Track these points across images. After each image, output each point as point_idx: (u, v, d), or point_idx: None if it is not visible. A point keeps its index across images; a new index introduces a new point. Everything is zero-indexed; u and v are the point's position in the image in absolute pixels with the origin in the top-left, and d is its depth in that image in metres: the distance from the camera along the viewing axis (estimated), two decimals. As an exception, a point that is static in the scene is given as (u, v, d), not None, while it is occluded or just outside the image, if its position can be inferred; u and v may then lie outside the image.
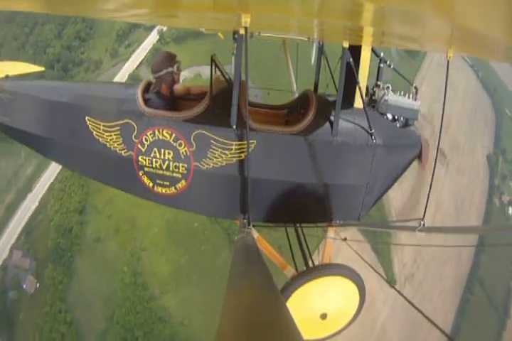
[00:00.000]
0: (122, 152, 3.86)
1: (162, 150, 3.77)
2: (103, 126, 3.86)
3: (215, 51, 4.21)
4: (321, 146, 3.82)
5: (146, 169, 3.88)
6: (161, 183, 3.92)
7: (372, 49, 3.97)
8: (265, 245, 4.20)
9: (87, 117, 3.90)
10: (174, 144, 3.73)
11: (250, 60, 3.07)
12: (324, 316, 4.02)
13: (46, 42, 74.50)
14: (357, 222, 4.40)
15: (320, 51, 4.94)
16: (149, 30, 72.11)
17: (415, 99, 4.25)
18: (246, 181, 3.50)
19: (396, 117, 4.35)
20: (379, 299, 50.82)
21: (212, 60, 3.92)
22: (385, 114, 4.28)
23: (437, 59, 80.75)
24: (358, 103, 3.93)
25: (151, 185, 3.96)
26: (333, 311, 4.07)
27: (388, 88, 4.21)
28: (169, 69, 4.02)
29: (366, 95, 4.26)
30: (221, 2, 2.48)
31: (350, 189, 4.10)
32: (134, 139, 3.80)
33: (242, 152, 3.66)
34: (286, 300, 3.92)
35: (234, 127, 3.62)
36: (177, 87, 4.16)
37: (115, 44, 72.36)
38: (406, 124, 4.36)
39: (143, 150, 3.80)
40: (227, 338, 1.69)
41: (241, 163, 3.69)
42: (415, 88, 4.41)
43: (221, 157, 3.70)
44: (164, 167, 3.81)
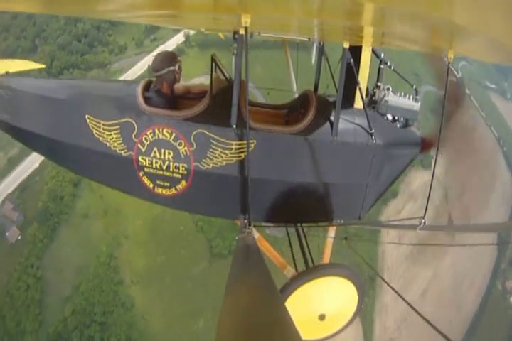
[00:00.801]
0: (122, 152, 3.86)
1: (162, 150, 3.76)
2: (103, 125, 3.86)
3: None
4: (321, 146, 3.82)
5: (147, 170, 3.88)
6: (162, 184, 3.91)
7: (372, 50, 3.98)
8: (265, 245, 4.20)
9: (87, 115, 3.89)
10: (174, 144, 3.73)
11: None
12: (323, 317, 4.02)
13: (77, 18, 75.32)
14: (357, 222, 4.41)
15: (320, 51, 4.95)
16: (177, 31, 72.69)
17: (415, 100, 4.26)
18: (246, 181, 3.49)
19: (396, 118, 4.35)
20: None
21: (212, 60, 3.93)
22: (385, 115, 4.28)
23: (463, 124, 79.72)
24: (358, 103, 3.94)
25: (152, 186, 3.95)
26: (331, 312, 4.06)
27: (388, 89, 4.22)
28: (170, 68, 4.01)
29: (366, 96, 4.26)
30: (221, 2, 2.48)
31: (350, 189, 4.10)
32: (134, 139, 3.79)
33: (242, 152, 3.66)
34: (285, 300, 3.92)
35: (234, 127, 3.62)
36: (177, 86, 4.16)
37: (142, 35, 73.24)
38: (406, 125, 4.36)
39: (143, 150, 3.80)
40: (226, 337, 1.69)
41: (241, 163, 3.69)
42: (415, 89, 4.42)
43: (221, 157, 3.70)
44: (164, 167, 3.81)
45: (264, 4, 2.40)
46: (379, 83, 4.37)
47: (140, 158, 3.83)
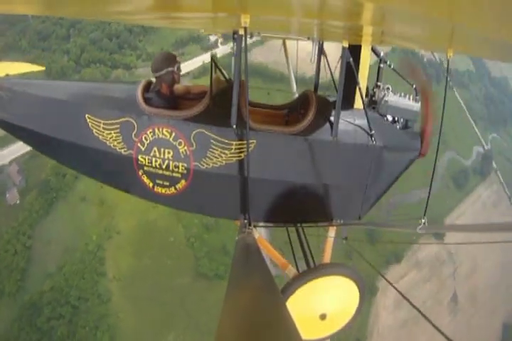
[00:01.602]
0: (122, 151, 3.86)
1: (162, 149, 3.76)
2: (103, 124, 3.86)
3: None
4: (321, 146, 3.82)
5: (146, 168, 3.88)
6: (161, 183, 3.92)
7: (372, 49, 3.97)
8: (266, 245, 4.20)
9: (87, 115, 3.90)
10: (174, 143, 3.73)
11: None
12: (324, 316, 4.01)
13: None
14: (357, 222, 4.41)
15: (320, 51, 4.95)
16: (205, 50, 73.98)
17: (415, 101, 4.25)
18: (246, 181, 3.49)
19: (396, 118, 4.35)
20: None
21: (212, 60, 3.93)
22: (385, 115, 4.28)
23: (484, 199, 74.76)
24: (358, 103, 3.93)
25: (151, 185, 3.96)
26: (333, 311, 4.06)
27: (388, 89, 4.22)
28: (169, 68, 4.01)
29: (366, 96, 4.26)
30: (221, 2, 2.48)
31: (350, 189, 4.10)
32: (134, 138, 3.80)
33: (242, 152, 3.66)
34: (286, 300, 3.92)
35: (234, 127, 3.62)
36: (177, 87, 4.16)
37: (171, 48, 73.55)
38: (406, 126, 4.36)
39: (143, 149, 3.80)
40: (226, 337, 1.69)
41: (241, 163, 3.69)
42: (415, 89, 4.41)
43: (221, 157, 3.70)
44: (164, 166, 3.81)
45: (263, 4, 2.40)
46: (379, 83, 4.37)
47: (140, 157, 3.83)
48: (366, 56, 3.86)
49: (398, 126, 4.32)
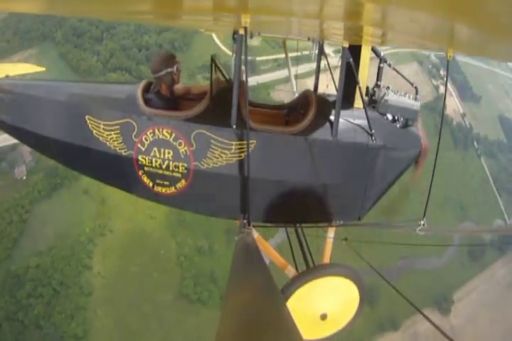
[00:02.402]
0: (122, 151, 3.86)
1: (162, 149, 3.77)
2: (103, 125, 3.86)
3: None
4: (321, 146, 3.82)
5: (146, 168, 3.88)
6: (161, 183, 3.92)
7: (372, 49, 3.97)
8: (265, 245, 4.20)
9: (87, 116, 3.90)
10: (174, 143, 3.73)
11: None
12: (324, 316, 4.02)
13: (146, 30, 78.05)
14: (357, 222, 4.41)
15: (320, 51, 4.94)
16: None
17: (415, 100, 4.25)
18: (246, 181, 3.49)
19: (396, 117, 4.35)
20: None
21: (212, 60, 3.93)
22: (385, 115, 4.28)
23: (499, 278, 69.12)
24: (358, 103, 3.93)
25: (151, 185, 3.96)
26: (333, 311, 4.06)
27: (388, 88, 4.21)
28: (169, 69, 4.01)
29: (366, 95, 4.26)
30: (221, 2, 2.48)
31: (349, 189, 4.10)
32: (134, 138, 3.80)
33: (242, 152, 3.66)
34: (286, 300, 3.92)
35: (234, 127, 3.62)
36: (177, 87, 4.16)
37: (196, 70, 73.99)
38: (406, 125, 4.36)
39: (143, 149, 3.80)
40: (227, 337, 1.69)
41: (241, 163, 3.69)
42: (415, 88, 4.41)
43: (221, 157, 3.70)
44: (164, 166, 3.81)
45: (264, 4, 2.40)
46: (379, 82, 4.37)
47: (140, 157, 3.84)
48: (366, 56, 3.86)
49: (398, 125, 4.32)
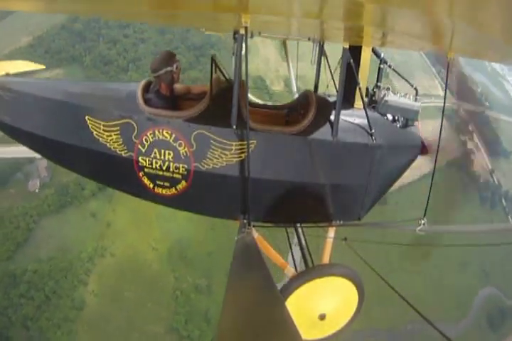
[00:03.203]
0: (122, 152, 3.85)
1: (162, 150, 3.76)
2: (103, 126, 3.85)
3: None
4: (321, 146, 3.82)
5: (147, 170, 3.87)
6: (162, 184, 3.91)
7: (372, 50, 3.98)
8: (265, 245, 4.20)
9: (87, 116, 3.89)
10: (174, 144, 3.72)
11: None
12: (323, 317, 4.02)
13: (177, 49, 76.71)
14: (357, 222, 4.41)
15: (320, 51, 4.95)
16: None
17: (415, 100, 4.26)
18: (246, 181, 3.49)
19: (396, 118, 4.35)
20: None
21: (212, 60, 3.92)
22: (385, 115, 4.28)
23: None
24: (358, 103, 3.94)
25: (152, 186, 3.95)
26: (332, 312, 4.06)
27: (388, 89, 4.22)
28: (168, 68, 4.00)
29: (366, 96, 4.26)
30: (221, 2, 2.49)
31: (349, 189, 4.10)
32: (134, 139, 3.79)
33: (242, 152, 3.66)
34: (285, 299, 3.92)
35: (234, 127, 3.62)
36: (177, 87, 4.15)
37: None
38: (406, 125, 4.36)
39: (143, 150, 3.80)
40: (227, 337, 1.69)
41: (241, 163, 3.69)
42: (415, 89, 4.42)
43: (221, 157, 3.70)
44: (164, 168, 3.80)
45: (264, 4, 2.40)
46: (379, 83, 4.37)
47: (140, 159, 3.83)
48: (367, 57, 3.86)
49: (398, 125, 4.32)
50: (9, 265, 53.60)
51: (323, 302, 4.07)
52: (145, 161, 3.82)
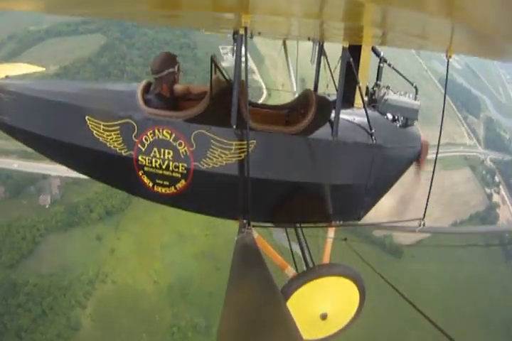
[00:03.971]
0: (122, 151, 3.86)
1: (162, 149, 3.76)
2: (103, 126, 3.85)
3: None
4: (321, 146, 3.82)
5: (146, 169, 3.88)
6: (161, 183, 3.92)
7: (372, 49, 3.98)
8: (265, 245, 4.20)
9: (87, 117, 3.90)
10: (174, 144, 3.73)
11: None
12: (324, 316, 4.02)
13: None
14: (357, 223, 4.41)
15: (320, 51, 4.95)
16: None
17: (415, 99, 4.26)
18: (246, 181, 3.49)
19: (396, 117, 4.35)
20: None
21: (212, 60, 3.92)
22: (385, 114, 4.28)
23: None
24: (358, 103, 3.94)
25: (151, 185, 3.95)
26: (333, 311, 4.07)
27: (388, 88, 4.22)
28: (170, 69, 4.00)
29: (366, 95, 4.26)
30: (221, 2, 2.48)
31: (350, 189, 4.10)
32: (134, 139, 3.79)
33: (242, 152, 3.66)
34: (286, 300, 3.92)
35: (234, 127, 3.62)
36: (177, 87, 4.15)
37: None
38: (406, 124, 4.36)
39: (143, 149, 3.80)
40: (227, 337, 1.69)
41: (241, 163, 3.69)
42: (415, 88, 4.42)
43: (221, 157, 3.70)
44: (164, 166, 3.81)
45: (264, 4, 2.40)
46: (379, 82, 4.37)
47: (140, 158, 3.83)
48: (366, 56, 3.86)
49: (398, 125, 4.32)
50: (11, 274, 54.68)
51: (324, 302, 4.08)
52: (144, 160, 3.82)
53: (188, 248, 60.90)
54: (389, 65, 4.38)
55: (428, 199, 4.16)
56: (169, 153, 3.76)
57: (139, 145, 3.79)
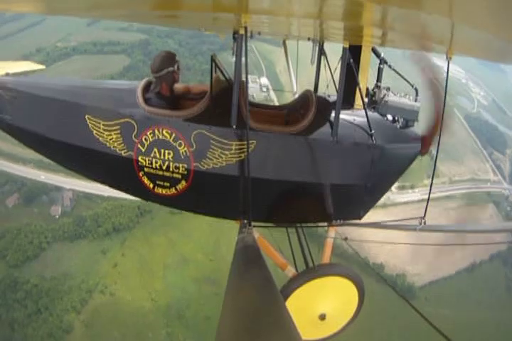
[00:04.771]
0: (122, 152, 3.85)
1: (162, 150, 3.76)
2: (103, 125, 3.85)
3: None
4: (321, 146, 3.82)
5: (146, 170, 3.87)
6: (162, 184, 3.90)
7: (372, 49, 3.98)
8: (265, 245, 4.20)
9: (87, 116, 3.88)
10: (174, 144, 3.72)
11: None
12: (323, 317, 4.01)
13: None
14: (357, 222, 4.40)
15: (320, 51, 4.95)
16: None
17: (415, 101, 4.26)
18: (246, 181, 3.49)
19: (396, 118, 4.35)
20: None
21: (212, 60, 3.92)
22: (385, 115, 4.28)
23: None
24: (359, 104, 3.94)
25: (152, 186, 3.94)
26: (332, 312, 4.06)
27: (388, 89, 4.22)
28: (170, 68, 3.99)
29: (366, 96, 4.26)
30: (221, 2, 2.49)
31: (350, 189, 4.10)
32: (134, 139, 3.78)
33: (242, 152, 3.66)
34: (285, 300, 3.92)
35: (234, 127, 3.62)
36: (177, 86, 4.15)
37: None
38: (406, 125, 4.36)
39: (143, 150, 3.79)
40: (227, 337, 1.69)
41: (241, 163, 3.69)
42: (415, 89, 4.42)
43: (221, 157, 3.70)
44: (164, 167, 3.80)
45: (264, 4, 2.40)
46: (379, 83, 4.37)
47: (140, 158, 3.82)
48: (367, 57, 3.86)
49: (398, 126, 4.32)
50: (15, 272, 56.21)
51: (323, 302, 4.07)
52: (145, 161, 3.81)
53: (191, 271, 61.21)
54: (389, 67, 4.38)
55: (428, 198, 4.16)
56: (169, 154, 3.75)
57: (139, 145, 3.78)
